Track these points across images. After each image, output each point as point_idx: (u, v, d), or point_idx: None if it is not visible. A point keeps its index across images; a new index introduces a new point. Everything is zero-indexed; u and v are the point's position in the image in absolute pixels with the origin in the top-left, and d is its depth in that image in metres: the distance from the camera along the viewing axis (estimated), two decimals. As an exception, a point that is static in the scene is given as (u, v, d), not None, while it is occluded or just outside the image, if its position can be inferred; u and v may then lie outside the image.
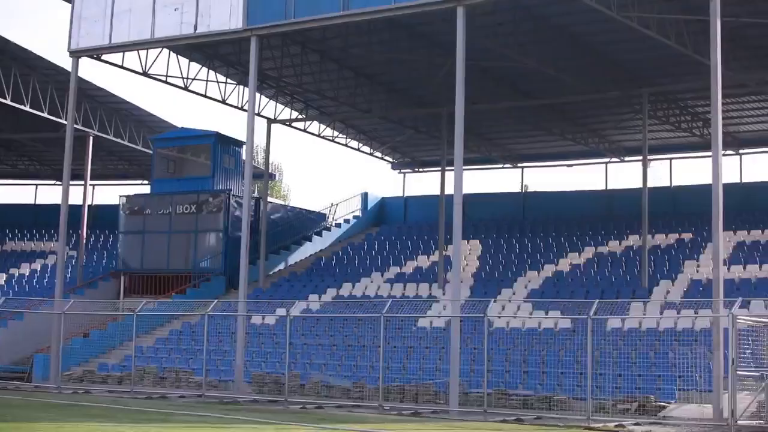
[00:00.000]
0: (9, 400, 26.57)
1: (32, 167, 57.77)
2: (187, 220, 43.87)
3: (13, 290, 46.57)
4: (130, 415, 23.20)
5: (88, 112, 45.06)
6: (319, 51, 38.73)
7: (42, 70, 41.97)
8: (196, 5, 33.66)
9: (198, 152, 46.14)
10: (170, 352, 36.06)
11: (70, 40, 36.36)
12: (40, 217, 55.92)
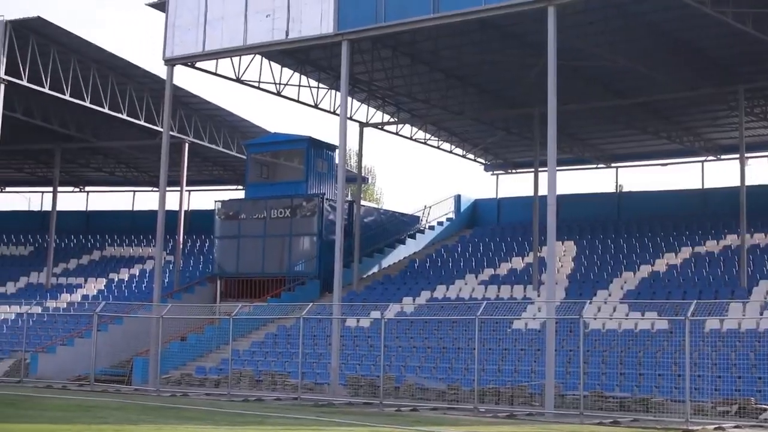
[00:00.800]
0: (109, 402, 27.06)
1: (130, 174, 58.77)
2: (282, 224, 44.21)
3: (112, 295, 47.45)
4: (227, 417, 23.47)
5: (183, 119, 45.70)
6: (409, 54, 38.76)
7: (138, 78, 42.67)
8: (287, 11, 33.97)
9: (291, 157, 46.49)
10: (266, 355, 36.38)
11: (165, 48, 36.98)
12: (137, 223, 56.93)
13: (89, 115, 44.26)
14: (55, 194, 52.22)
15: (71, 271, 52.40)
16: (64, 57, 39.59)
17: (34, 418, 21.24)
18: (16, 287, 50.84)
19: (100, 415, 22.74)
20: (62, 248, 54.91)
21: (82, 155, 55.23)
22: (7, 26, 37.92)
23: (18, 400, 26.24)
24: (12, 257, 55.91)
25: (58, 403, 26.11)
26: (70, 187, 61.04)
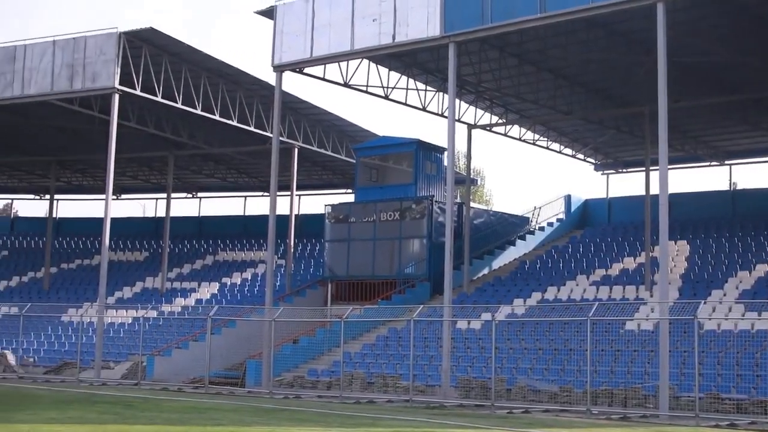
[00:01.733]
0: (223, 404, 27.46)
1: (241, 180, 59.62)
2: (391, 227, 44.36)
3: (225, 299, 48.16)
4: (339, 419, 23.64)
5: (292, 125, 46.17)
6: (516, 54, 38.59)
7: (247, 85, 43.25)
8: (393, 15, 34.13)
9: (400, 160, 46.62)
10: (377, 358, 36.54)
11: (274, 55, 37.45)
12: (249, 228, 57.73)
13: (201, 122, 45.05)
14: (168, 201, 53.20)
15: (185, 276, 53.35)
16: (176, 66, 40.36)
17: (152, 420, 21.68)
18: (132, 292, 51.95)
19: (215, 417, 23.11)
20: (176, 253, 55.93)
21: (194, 162, 56.21)
22: (121, 38, 38.80)
23: (136, 402, 26.80)
24: (128, 263, 57.16)
25: (173, 405, 26.59)
26: (183, 193, 62.21)
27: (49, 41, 40.71)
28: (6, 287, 55.52)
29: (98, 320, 40.64)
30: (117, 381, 38.10)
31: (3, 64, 41.75)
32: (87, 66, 39.63)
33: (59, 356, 43.02)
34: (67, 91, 40.45)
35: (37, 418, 20.89)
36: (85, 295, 50.90)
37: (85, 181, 62.79)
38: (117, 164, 42.60)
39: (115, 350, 43.00)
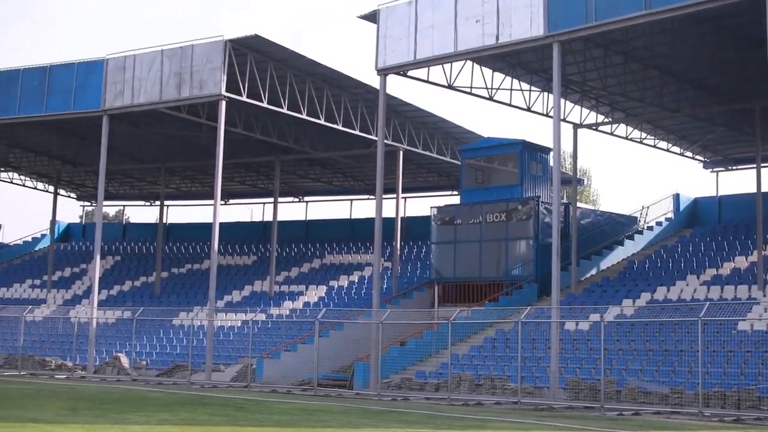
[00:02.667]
0: (332, 406, 27.65)
1: (347, 183, 59.98)
2: (498, 228, 44.19)
3: (333, 301, 48.49)
4: (448, 421, 23.62)
5: (397, 128, 46.30)
6: (622, 52, 38.14)
7: (352, 89, 43.50)
8: (496, 16, 34.04)
9: (505, 161, 46.42)
10: (485, 360, 36.44)
11: (377, 58, 37.62)
12: (355, 231, 58.04)
13: (306, 127, 45.47)
14: (275, 205, 53.79)
15: (293, 279, 53.86)
16: (281, 72, 40.80)
17: (261, 422, 21.94)
18: (241, 296, 52.62)
19: (324, 418, 23.30)
20: (284, 257, 56.49)
21: (300, 166, 56.72)
22: (226, 45, 39.37)
23: (246, 404, 27.14)
24: (237, 267, 57.91)
25: (283, 407, 26.86)
26: (290, 197, 62.82)
27: (158, 51, 41.50)
28: (119, 292, 56.73)
29: (208, 324, 41.26)
30: (227, 383, 38.63)
31: (114, 74, 42.71)
32: (194, 74, 40.30)
33: (171, 359, 43.80)
34: (175, 99, 41.19)
35: (150, 419, 21.30)
36: (195, 299, 51.74)
37: (193, 187, 63.86)
38: (225, 170, 43.26)
39: (225, 353, 43.60)
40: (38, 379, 39.49)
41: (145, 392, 31.85)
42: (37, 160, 59.81)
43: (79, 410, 22.76)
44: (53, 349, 47.12)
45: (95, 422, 20.12)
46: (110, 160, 45.45)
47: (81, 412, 22.17)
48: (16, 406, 23.33)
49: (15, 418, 19.96)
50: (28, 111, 45.69)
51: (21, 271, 63.13)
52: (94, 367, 42.56)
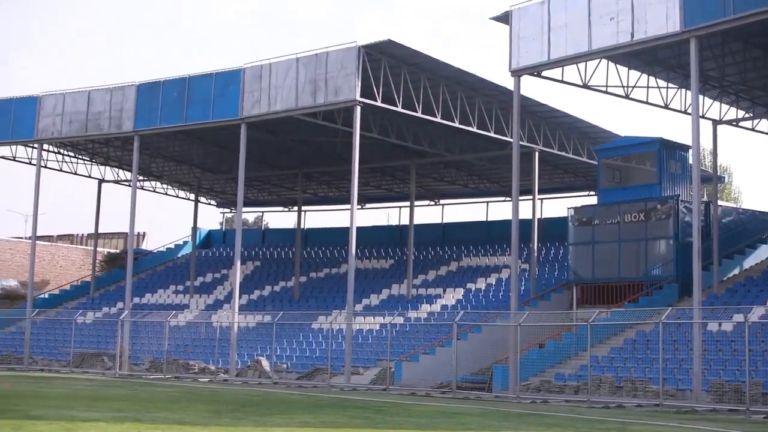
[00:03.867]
0: (471, 409, 27.63)
1: (482, 185, 59.83)
2: (636, 228, 43.52)
3: (470, 304, 48.42)
4: (588, 424, 23.39)
5: (532, 129, 46.02)
6: (761, 45, 37.20)
7: (485, 91, 43.40)
8: (631, 13, 33.57)
9: (643, 159, 45.69)
10: (625, 361, 35.91)
11: (511, 59, 37.46)
12: (492, 233, 57.83)
13: (441, 130, 45.55)
14: (412, 208, 53.99)
15: (430, 282, 53.95)
16: (415, 76, 40.96)
17: (401, 424, 22.06)
18: (379, 299, 52.92)
19: (463, 421, 23.29)
20: (420, 260, 56.62)
21: (435, 169, 56.82)
22: (360, 51, 39.72)
23: (385, 407, 27.31)
24: (374, 270, 58.28)
25: (422, 409, 26.96)
26: (425, 201, 62.96)
27: (293, 58, 42.10)
28: (259, 296, 57.65)
29: (347, 327, 41.64)
30: (366, 386, 38.93)
31: (251, 83, 43.49)
32: (329, 80, 40.76)
33: (311, 362, 44.33)
34: (311, 106, 41.74)
35: (292, 421, 21.62)
36: (333, 302, 52.26)
37: (330, 192, 64.56)
38: (360, 174, 43.59)
39: (364, 356, 43.92)
40: (182, 382, 40.44)
41: (286, 395, 32.32)
42: (178, 168, 61.30)
43: (222, 413, 23.23)
44: (196, 353, 48.16)
45: (238, 424, 20.51)
46: (249, 167, 46.28)
47: (224, 415, 22.62)
48: (161, 408, 23.94)
49: (162, 420, 20.49)
50: (169, 121, 46.90)
51: (165, 278, 64.71)
52: (236, 370, 43.35)
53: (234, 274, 45.25)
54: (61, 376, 41.98)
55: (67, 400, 25.28)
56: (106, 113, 48.59)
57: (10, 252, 72.71)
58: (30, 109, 51.10)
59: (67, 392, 29.07)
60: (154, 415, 21.78)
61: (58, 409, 22.19)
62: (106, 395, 28.23)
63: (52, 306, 60.93)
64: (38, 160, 52.21)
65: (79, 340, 50.51)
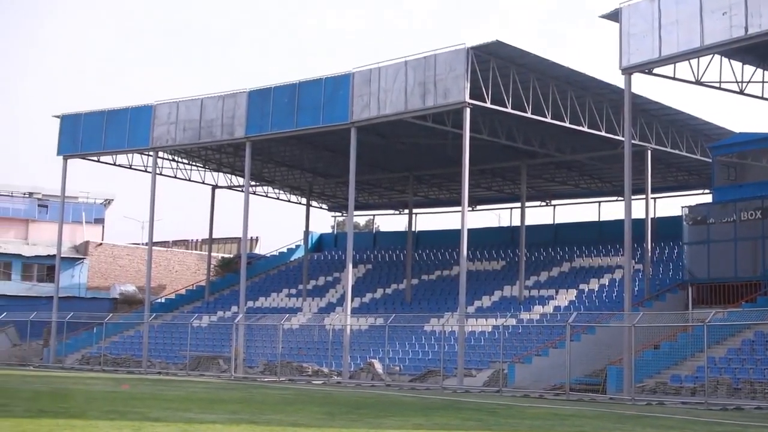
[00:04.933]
0: (585, 411, 27.37)
1: (593, 185, 59.22)
2: (753, 226, 42.57)
3: (583, 305, 47.96)
4: (705, 426, 23.02)
5: (643, 127, 45.40)
6: None
7: (596, 90, 42.99)
8: (744, 6, 32.94)
9: (759, 156, 44.68)
10: (743, 363, 35.18)
11: (621, 57, 37.03)
12: (604, 233, 57.20)
13: (551, 130, 45.25)
14: (523, 209, 53.70)
15: (542, 283, 53.60)
16: (523, 76, 40.77)
17: (514, 426, 21.98)
18: (491, 301, 52.75)
19: (577, 423, 23.10)
20: (532, 261, 56.29)
21: (546, 170, 56.44)
22: (468, 53, 39.70)
23: (498, 409, 27.23)
24: (486, 272, 58.12)
25: (535, 411, 26.82)
26: (536, 201, 62.56)
27: (401, 62, 42.27)
28: (371, 299, 57.94)
29: (459, 329, 41.63)
30: (479, 388, 38.87)
31: (360, 87, 43.77)
32: (438, 83, 40.81)
33: (423, 364, 44.39)
34: (420, 109, 41.84)
35: (405, 423, 21.70)
36: (445, 305, 52.22)
37: (441, 194, 64.59)
38: (471, 176, 43.56)
39: (477, 358, 43.81)
40: (296, 384, 40.86)
41: (399, 397, 32.44)
42: (290, 173, 61.99)
43: (336, 415, 23.41)
44: (310, 356, 48.61)
45: (351, 426, 20.65)
46: (359, 171, 46.58)
47: (337, 417, 22.80)
48: (276, 410, 24.23)
49: (276, 422, 20.75)
50: (280, 127, 47.50)
51: (278, 281, 65.46)
52: (349, 372, 43.63)
53: (346, 277, 45.56)
54: (177, 379, 42.79)
55: (184, 403, 25.75)
56: (218, 120, 49.43)
57: (127, 258, 74.42)
58: (145, 117, 52.27)
59: (184, 395, 29.61)
60: (268, 417, 22.06)
61: (176, 411, 22.62)
62: (222, 398, 28.68)
63: (169, 310, 62.16)
64: (153, 168, 53.35)
65: (194, 344, 51.42)
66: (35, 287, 70.04)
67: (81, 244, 74.68)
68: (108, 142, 54.02)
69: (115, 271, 73.44)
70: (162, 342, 55.47)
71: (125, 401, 25.08)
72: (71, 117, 55.78)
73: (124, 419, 19.74)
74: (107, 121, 53.93)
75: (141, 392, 30.00)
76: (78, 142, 55.16)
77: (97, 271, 72.84)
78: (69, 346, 56.42)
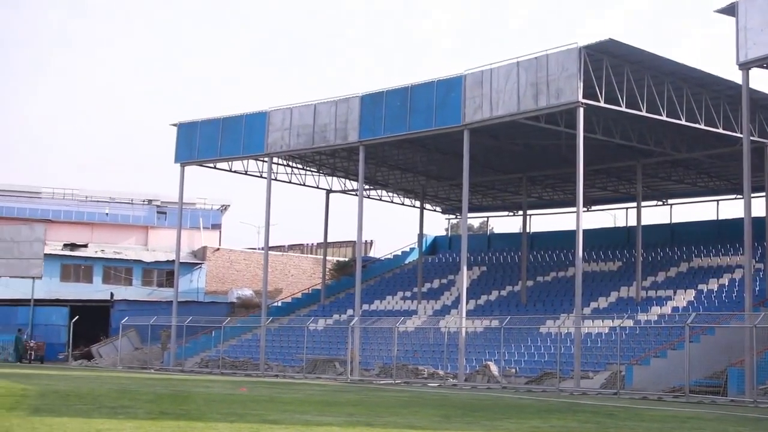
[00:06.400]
0: (704, 414, 26.90)
1: (711, 183, 58.10)
2: None
3: (702, 305, 47.14)
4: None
5: (763, 123, 44.40)
6: None
7: (712, 86, 42.22)
8: None
9: None
10: None
11: (738, 52, 36.22)
12: (723, 232, 56.11)
13: (667, 128, 44.58)
14: (639, 209, 53.01)
15: (659, 284, 52.83)
16: (637, 74, 40.27)
17: (633, 429, 21.67)
18: (607, 302, 52.19)
19: (697, 426, 22.70)
20: (649, 261, 55.51)
21: (662, 168, 55.57)
22: (581, 52, 39.37)
23: (616, 412, 26.92)
24: (601, 273, 57.52)
25: (654, 414, 26.44)
26: (652, 201, 61.64)
27: (513, 63, 42.11)
28: (486, 301, 57.81)
29: (575, 331, 41.28)
30: (596, 390, 38.48)
31: (472, 89, 43.72)
32: (550, 83, 40.56)
33: (539, 366, 44.11)
34: (533, 109, 41.63)
35: (522, 426, 21.59)
36: (561, 306, 51.85)
37: (555, 195, 64.11)
38: (585, 176, 43.10)
39: (593, 360, 43.40)
40: (411, 387, 40.97)
41: (515, 399, 32.30)
42: (403, 176, 62.20)
43: (452, 417, 23.41)
44: (425, 358, 48.68)
45: (467, 428, 20.63)
46: (472, 173, 46.53)
47: (453, 419, 22.80)
48: (392, 413, 24.33)
49: (392, 425, 20.84)
50: (393, 130, 47.71)
51: (392, 284, 65.71)
52: (464, 375, 43.60)
53: (461, 280, 45.54)
54: (294, 382, 43.26)
55: (302, 405, 26.02)
56: (331, 125, 49.86)
57: (244, 262, 75.56)
58: (260, 124, 53.02)
59: (301, 397, 29.92)
60: (385, 419, 22.17)
61: (293, 413, 22.86)
62: (338, 400, 28.90)
63: (285, 314, 62.89)
64: (269, 173, 54.05)
65: (311, 347, 51.94)
66: (155, 292, 71.61)
67: (199, 249, 76.09)
68: (224, 148, 54.94)
69: (232, 276, 74.65)
70: (279, 345, 56.16)
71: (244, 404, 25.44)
72: (188, 125, 56.87)
73: (242, 421, 20.03)
74: (223, 128, 54.84)
75: (259, 395, 30.40)
76: (195, 149, 56.19)
77: (215, 276, 74.12)
78: (188, 350, 57.51)
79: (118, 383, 34.06)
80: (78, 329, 60.77)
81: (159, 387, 32.55)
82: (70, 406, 22.52)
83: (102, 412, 21.04)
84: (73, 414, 20.54)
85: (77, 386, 30.57)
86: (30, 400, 24.17)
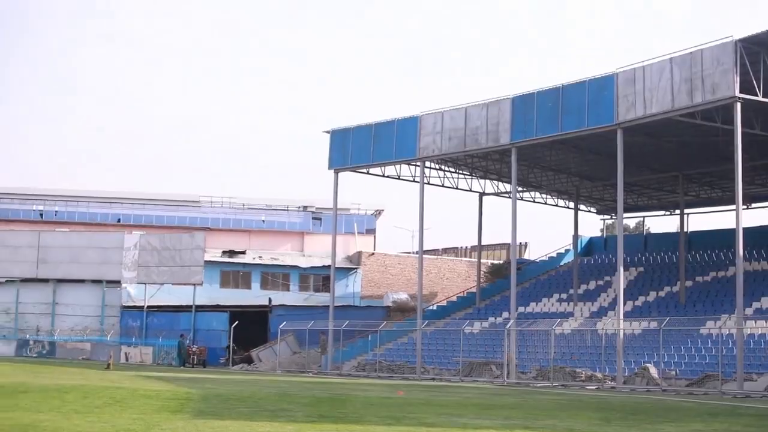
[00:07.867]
0: None
1: None
2: None
3: None
4: None
5: None
6: None
7: None
8: None
9: None
10: None
11: None
12: None
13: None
14: (802, 206, 51.49)
15: (826, 283, 51.17)
16: (798, 66, 39.15)
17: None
18: (772, 302, 50.83)
19: None
20: (814, 260, 53.85)
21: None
22: (736, 45, 38.45)
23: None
24: (764, 272, 55.93)
25: None
26: (817, 196, 59.78)
27: (666, 59, 41.40)
28: (643, 302, 56.87)
29: (737, 332, 40.30)
30: (761, 393, 37.46)
31: (624, 87, 43.16)
32: (705, 78, 39.74)
33: (700, 368, 43.18)
34: (688, 106, 40.87)
35: (683, 429, 21.21)
36: (721, 307, 50.64)
37: (713, 193, 62.66)
38: (744, 173, 42.04)
39: (757, 362, 42.27)
40: (569, 389, 40.63)
41: (676, 402, 31.71)
42: (556, 178, 61.70)
43: (612, 420, 23.15)
44: (582, 361, 48.19)
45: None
46: (626, 172, 45.90)
47: (613, 422, 22.54)
48: (549, 416, 24.20)
49: (550, 428, 20.75)
50: (545, 132, 47.44)
51: (547, 286, 65.23)
52: (623, 377, 43.00)
53: (617, 281, 44.96)
54: (451, 385, 43.35)
55: (458, 408, 26.08)
56: (483, 128, 49.85)
57: (399, 266, 76.05)
58: (411, 128, 53.36)
59: (457, 400, 29.98)
60: (542, 422, 22.07)
61: (450, 416, 22.95)
62: (495, 403, 28.87)
63: (441, 317, 63.03)
64: (421, 177, 54.35)
65: (467, 350, 51.97)
66: (312, 297, 72.70)
67: (354, 254, 76.94)
68: (376, 154, 55.47)
69: (387, 280, 75.22)
70: (435, 348, 56.34)
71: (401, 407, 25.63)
72: (340, 132, 57.60)
73: (400, 424, 20.21)
74: (375, 134, 55.39)
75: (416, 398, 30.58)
76: (348, 155, 56.88)
77: (370, 280, 74.82)
78: (345, 354, 58.17)
79: (278, 387, 34.70)
80: (238, 334, 62.11)
81: (317, 390, 33.05)
82: (232, 409, 23.08)
83: (262, 416, 21.50)
84: (234, 417, 21.07)
85: (238, 390, 31.27)
86: (193, 404, 24.84)
